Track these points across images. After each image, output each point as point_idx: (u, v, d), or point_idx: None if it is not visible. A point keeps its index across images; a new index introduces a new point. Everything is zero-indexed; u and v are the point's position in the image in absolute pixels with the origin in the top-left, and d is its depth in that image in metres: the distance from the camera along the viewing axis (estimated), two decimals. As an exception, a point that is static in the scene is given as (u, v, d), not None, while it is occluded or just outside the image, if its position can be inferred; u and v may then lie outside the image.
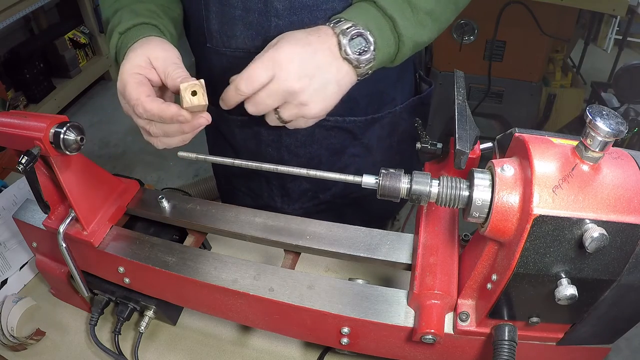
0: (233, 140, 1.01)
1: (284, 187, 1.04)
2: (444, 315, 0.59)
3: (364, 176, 0.57)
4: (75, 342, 0.84)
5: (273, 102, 0.67)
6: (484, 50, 2.42)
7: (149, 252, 0.72)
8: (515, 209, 0.48)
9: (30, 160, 0.61)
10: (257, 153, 0.99)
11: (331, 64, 0.67)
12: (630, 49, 3.79)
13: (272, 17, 0.79)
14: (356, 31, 0.67)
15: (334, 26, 0.68)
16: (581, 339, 0.57)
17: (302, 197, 1.06)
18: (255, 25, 0.81)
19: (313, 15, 0.79)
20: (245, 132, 0.97)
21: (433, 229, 0.67)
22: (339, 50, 0.67)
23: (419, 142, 0.73)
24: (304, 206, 1.07)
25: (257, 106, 0.69)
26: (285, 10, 0.78)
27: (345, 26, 0.68)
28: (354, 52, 0.67)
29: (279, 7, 0.78)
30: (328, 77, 0.67)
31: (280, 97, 0.67)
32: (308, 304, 0.63)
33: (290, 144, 0.96)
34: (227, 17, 0.82)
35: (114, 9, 0.79)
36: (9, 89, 2.87)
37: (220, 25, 0.83)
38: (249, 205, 1.08)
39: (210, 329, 0.84)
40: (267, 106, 0.68)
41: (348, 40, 0.67)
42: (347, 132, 0.95)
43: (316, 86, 0.67)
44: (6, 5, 2.62)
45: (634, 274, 0.47)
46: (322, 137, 0.95)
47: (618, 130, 0.43)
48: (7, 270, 0.91)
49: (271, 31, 0.80)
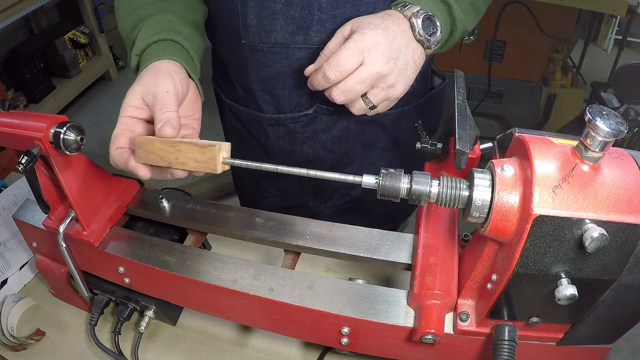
0: (265, 141, 1.00)
1: (317, 186, 1.04)
2: (444, 315, 0.59)
3: (364, 176, 0.57)
4: (75, 342, 0.84)
5: (363, 88, 0.69)
6: (484, 50, 2.42)
7: (149, 252, 0.72)
8: (515, 209, 0.48)
9: (30, 160, 0.61)
10: (291, 151, 0.98)
11: (408, 45, 0.70)
12: (630, 49, 3.79)
13: (315, 10, 0.79)
14: (425, 14, 0.70)
15: (402, 9, 0.71)
16: (581, 339, 0.57)
17: (334, 195, 1.06)
18: (297, 19, 0.80)
19: (355, 9, 0.79)
20: (278, 130, 0.97)
21: (433, 229, 0.67)
22: (413, 32, 0.70)
23: (419, 142, 0.73)
24: (336, 204, 1.08)
25: (346, 94, 0.69)
26: (329, 3, 0.78)
27: (415, 9, 0.70)
28: (426, 34, 0.71)
29: (322, 1, 0.78)
30: (407, 58, 0.70)
31: (370, 82, 0.68)
32: (308, 304, 0.63)
33: (326, 141, 0.97)
34: (266, 11, 0.81)
35: (133, 22, 0.77)
36: (9, 89, 2.87)
37: (259, 20, 0.82)
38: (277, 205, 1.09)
39: (210, 329, 0.84)
40: (357, 92, 0.69)
41: (421, 22, 0.70)
42: (379, 126, 0.96)
43: (400, 67, 0.69)
44: (6, 5, 2.61)
45: (634, 274, 0.47)
46: (356, 132, 0.96)
47: (618, 130, 0.43)
48: (7, 270, 0.91)
49: (313, 25, 0.80)
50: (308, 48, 0.83)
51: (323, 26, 0.80)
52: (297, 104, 0.92)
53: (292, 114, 0.93)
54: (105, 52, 3.52)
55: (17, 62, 2.92)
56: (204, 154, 0.59)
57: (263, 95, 0.93)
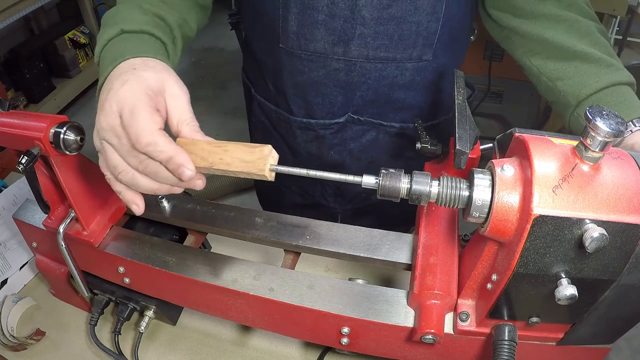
0: (293, 141, 1.00)
1: (339, 188, 1.05)
2: (444, 315, 0.59)
3: (364, 176, 0.57)
4: (75, 342, 0.84)
5: None
6: (484, 50, 2.42)
7: (149, 252, 0.72)
8: (515, 209, 0.48)
9: (30, 160, 0.61)
10: (318, 155, 0.99)
11: None
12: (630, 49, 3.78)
13: (357, 25, 0.79)
14: None
15: None
16: (581, 339, 0.57)
17: (355, 198, 1.07)
18: (338, 32, 0.80)
19: (399, 27, 0.79)
20: (307, 134, 0.97)
21: (433, 229, 0.67)
22: None
23: (419, 142, 0.73)
24: (356, 207, 1.08)
25: None
26: (373, 20, 0.78)
27: None
28: None
29: (366, 16, 0.77)
30: None
31: None
32: (308, 304, 0.63)
33: (354, 149, 0.97)
34: (308, 20, 0.80)
35: None
36: (9, 89, 2.87)
37: (300, 27, 0.82)
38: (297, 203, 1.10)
39: (210, 329, 0.84)
40: None
41: None
42: (407, 138, 0.96)
43: None
44: (6, 5, 2.61)
45: (634, 274, 0.47)
46: (384, 142, 0.96)
47: (618, 130, 0.43)
48: (7, 270, 0.91)
49: (355, 39, 0.80)
50: (347, 60, 0.83)
51: (364, 41, 0.80)
52: (329, 112, 0.92)
53: (322, 121, 0.93)
54: (105, 52, 3.51)
55: (17, 62, 2.91)
56: (253, 154, 0.56)
57: (296, 99, 0.93)
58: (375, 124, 0.93)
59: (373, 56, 0.82)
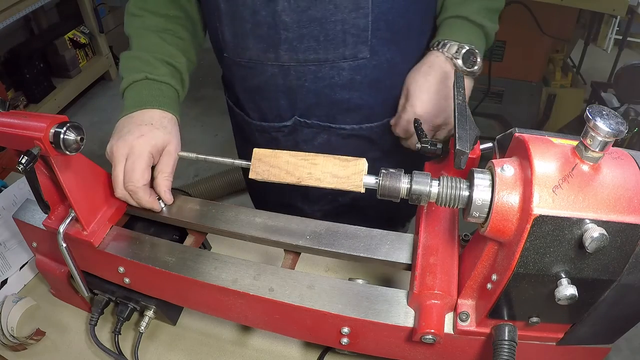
0: (254, 143, 1.02)
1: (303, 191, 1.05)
2: (444, 315, 0.59)
3: (363, 177, 0.57)
4: (75, 342, 0.84)
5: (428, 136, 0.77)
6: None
7: (149, 252, 0.72)
8: (515, 209, 0.48)
9: (30, 160, 0.61)
10: None
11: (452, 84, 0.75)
12: (630, 49, 3.79)
13: (281, 30, 0.80)
14: (465, 51, 0.80)
15: (443, 50, 0.81)
16: (581, 339, 0.57)
17: (321, 200, 1.07)
18: (265, 38, 0.82)
19: (323, 28, 0.80)
20: (264, 137, 1.00)
21: (433, 229, 0.67)
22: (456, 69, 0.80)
23: (418, 142, 0.73)
24: (323, 208, 1.09)
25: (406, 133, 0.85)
26: (294, 23, 0.79)
27: (454, 49, 0.80)
28: (468, 67, 0.81)
29: (287, 21, 0.79)
30: None
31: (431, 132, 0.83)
32: (308, 304, 0.63)
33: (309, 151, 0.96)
34: (239, 30, 0.83)
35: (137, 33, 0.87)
36: (9, 89, 2.87)
37: (234, 37, 0.85)
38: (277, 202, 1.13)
39: (210, 329, 0.84)
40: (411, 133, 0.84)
41: (462, 61, 0.80)
42: (364, 139, 0.97)
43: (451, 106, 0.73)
44: (6, 5, 2.61)
45: (634, 274, 0.47)
46: (339, 144, 0.97)
47: (618, 130, 0.43)
48: (7, 270, 0.91)
49: (281, 44, 0.82)
50: (280, 65, 0.85)
51: (291, 45, 0.82)
52: (277, 115, 0.95)
53: (273, 124, 0.96)
54: (105, 52, 3.51)
55: (17, 62, 2.92)
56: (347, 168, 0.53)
57: (249, 103, 0.97)
58: (324, 127, 0.94)
59: (304, 59, 0.83)
